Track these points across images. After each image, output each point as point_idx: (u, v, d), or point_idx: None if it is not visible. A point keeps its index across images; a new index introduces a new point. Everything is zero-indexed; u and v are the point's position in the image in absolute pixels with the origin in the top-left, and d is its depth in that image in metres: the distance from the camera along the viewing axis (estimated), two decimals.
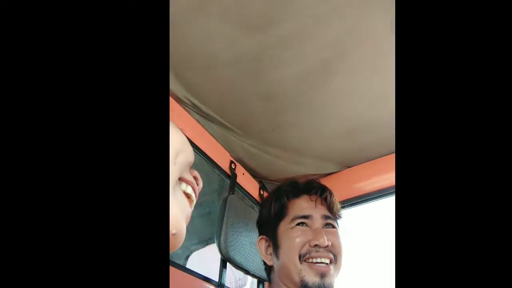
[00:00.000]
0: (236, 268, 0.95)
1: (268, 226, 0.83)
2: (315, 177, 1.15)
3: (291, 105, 0.93)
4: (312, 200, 0.81)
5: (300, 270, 0.73)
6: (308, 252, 0.74)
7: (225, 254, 0.90)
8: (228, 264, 0.95)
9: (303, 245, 0.75)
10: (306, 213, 0.79)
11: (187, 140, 0.42)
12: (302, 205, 0.80)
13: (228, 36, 0.75)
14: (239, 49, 0.78)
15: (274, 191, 0.88)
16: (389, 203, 1.17)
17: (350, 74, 0.84)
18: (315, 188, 0.82)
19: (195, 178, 0.43)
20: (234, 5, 0.69)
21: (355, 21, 0.72)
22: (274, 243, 0.80)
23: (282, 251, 0.77)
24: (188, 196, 0.41)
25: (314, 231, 0.77)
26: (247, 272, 0.96)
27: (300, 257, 0.74)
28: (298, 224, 0.78)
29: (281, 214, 0.81)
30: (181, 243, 0.39)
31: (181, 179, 0.40)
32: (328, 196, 0.81)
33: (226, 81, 0.85)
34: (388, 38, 0.75)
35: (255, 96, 0.90)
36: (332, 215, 0.81)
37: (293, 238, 0.76)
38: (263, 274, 0.90)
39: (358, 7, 0.70)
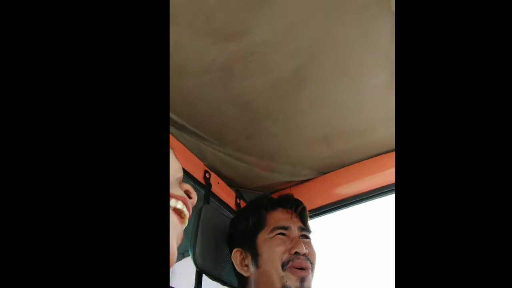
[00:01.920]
0: (213, 280, 0.93)
1: (245, 238, 0.87)
2: (291, 184, 1.17)
3: (264, 113, 0.92)
4: (288, 213, 0.88)
5: (282, 276, 0.79)
6: (290, 259, 0.80)
7: (200, 266, 0.88)
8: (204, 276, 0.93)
9: (284, 253, 0.81)
10: (285, 224, 0.85)
11: (173, 156, 0.41)
12: (280, 217, 0.87)
13: (197, 46, 0.74)
14: (209, 59, 0.77)
15: (249, 205, 0.94)
16: (365, 208, 1.18)
17: (321, 82, 0.84)
18: (290, 202, 0.90)
19: (186, 192, 0.42)
20: (202, 15, 0.69)
21: (322, 30, 0.73)
22: (253, 253, 0.84)
23: (263, 259, 0.82)
24: (179, 212, 0.39)
25: (292, 240, 0.83)
26: (224, 283, 0.95)
27: (282, 264, 0.80)
28: (278, 234, 0.84)
29: (259, 225, 0.87)
30: (174, 263, 0.38)
31: (169, 196, 0.38)
32: (302, 210, 0.90)
33: (197, 90, 0.84)
34: (355, 46, 0.76)
35: (228, 105, 0.89)
36: (305, 227, 0.89)
37: (275, 246, 0.82)
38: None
39: (325, 16, 0.70)
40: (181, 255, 0.94)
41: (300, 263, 0.80)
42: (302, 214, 0.90)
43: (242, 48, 0.75)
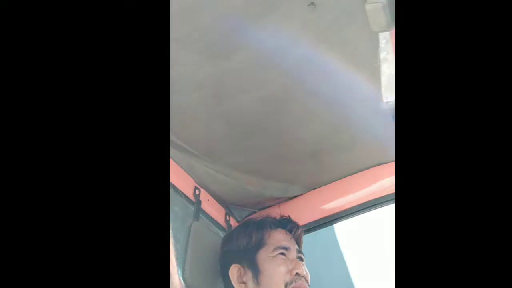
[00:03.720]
0: None
1: (244, 254, 0.90)
2: (280, 200, 1.18)
3: (254, 130, 0.94)
4: (287, 234, 0.93)
5: None
6: (293, 280, 0.85)
7: (189, 284, 0.87)
8: None
9: (286, 273, 0.85)
10: (285, 245, 0.90)
11: None
12: (281, 237, 0.92)
13: (190, 63, 0.76)
14: (200, 76, 0.79)
15: (251, 223, 0.98)
16: (354, 222, 1.19)
17: (308, 99, 0.87)
18: (290, 224, 0.96)
19: None
20: (195, 32, 0.71)
21: (309, 48, 0.76)
22: (254, 269, 0.87)
23: (265, 276, 0.86)
24: None
25: (292, 261, 0.88)
26: None
27: (285, 284, 0.84)
28: (279, 254, 0.88)
29: (260, 243, 0.91)
30: None
31: None
32: (301, 233, 0.96)
33: (188, 107, 0.86)
34: (341, 64, 0.80)
35: (218, 121, 0.90)
36: (300, 249, 0.94)
37: (277, 265, 0.87)
38: None
39: (312, 36, 0.74)
40: None
41: (301, 284, 0.85)
42: (300, 237, 0.95)
43: (233, 66, 0.78)
